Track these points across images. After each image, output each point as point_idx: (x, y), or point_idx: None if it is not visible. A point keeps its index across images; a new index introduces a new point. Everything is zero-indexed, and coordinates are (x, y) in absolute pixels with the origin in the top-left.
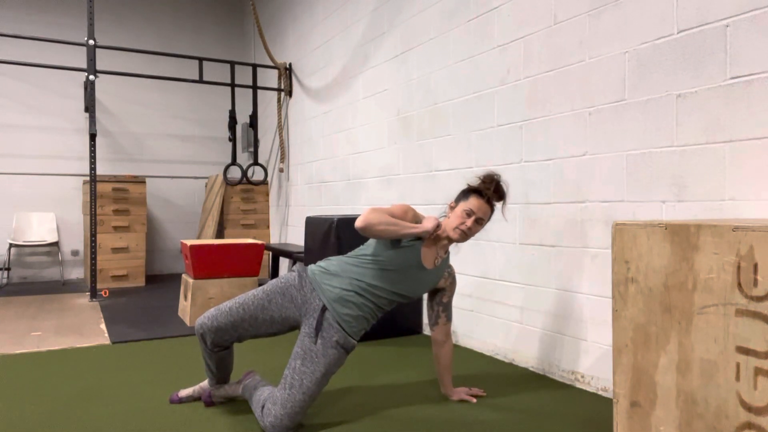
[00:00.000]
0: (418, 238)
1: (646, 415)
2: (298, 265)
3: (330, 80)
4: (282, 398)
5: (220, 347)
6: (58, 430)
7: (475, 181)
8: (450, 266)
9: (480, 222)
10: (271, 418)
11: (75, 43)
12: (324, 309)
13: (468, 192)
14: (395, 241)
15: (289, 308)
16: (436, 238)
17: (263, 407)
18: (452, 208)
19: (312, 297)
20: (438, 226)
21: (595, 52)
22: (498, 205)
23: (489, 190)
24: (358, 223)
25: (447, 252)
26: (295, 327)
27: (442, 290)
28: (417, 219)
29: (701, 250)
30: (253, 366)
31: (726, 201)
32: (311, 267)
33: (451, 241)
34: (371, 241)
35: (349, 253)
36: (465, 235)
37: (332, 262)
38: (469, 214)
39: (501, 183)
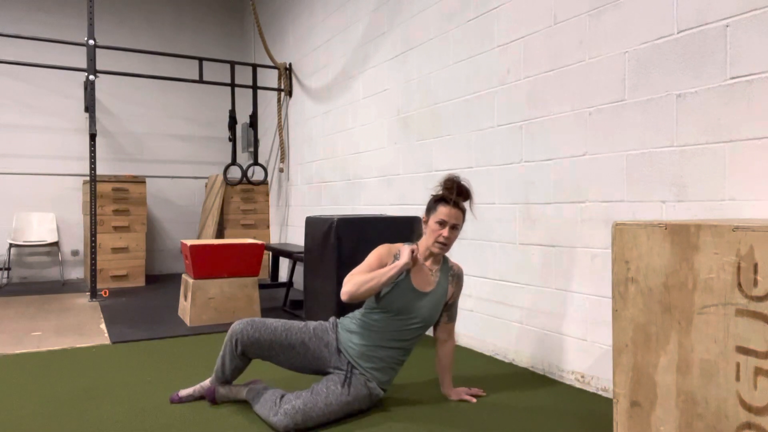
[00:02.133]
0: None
1: (646, 415)
2: (333, 318)
3: (330, 80)
4: (305, 397)
5: (246, 356)
6: (58, 430)
7: (437, 190)
8: (452, 268)
9: (456, 227)
10: (289, 406)
11: (75, 43)
12: (350, 365)
13: (434, 202)
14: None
15: (323, 352)
16: (425, 258)
17: (283, 397)
18: (425, 222)
19: (339, 350)
20: (413, 252)
21: (595, 52)
22: (467, 205)
23: (452, 195)
24: (343, 297)
25: (440, 261)
26: (319, 372)
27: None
28: (394, 253)
29: (701, 250)
30: (259, 375)
31: (726, 201)
32: (340, 320)
33: (435, 254)
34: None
35: (362, 308)
36: (445, 246)
37: (351, 320)
38: (441, 224)
39: (462, 182)
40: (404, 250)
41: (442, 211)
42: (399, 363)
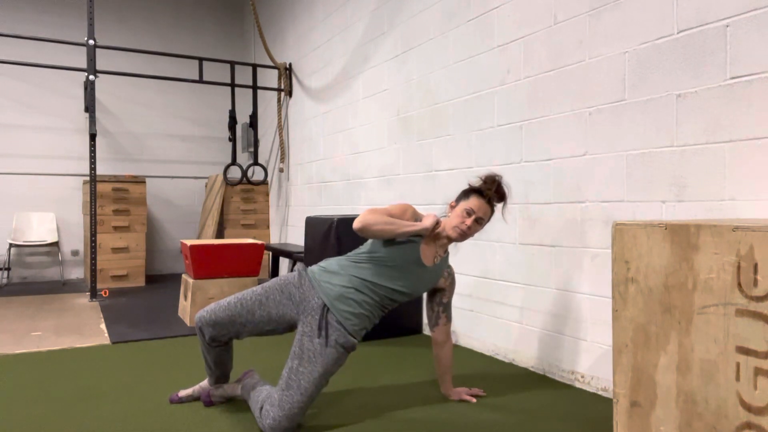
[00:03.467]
0: (418, 235)
1: (646, 415)
2: (299, 265)
3: (330, 80)
4: (280, 399)
5: (217, 342)
6: (58, 430)
7: (476, 181)
8: (449, 266)
9: (480, 222)
10: (270, 420)
11: (75, 43)
12: (325, 308)
13: (469, 192)
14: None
15: (286, 305)
16: (436, 236)
17: (261, 408)
18: (452, 207)
19: (311, 295)
20: (437, 223)
21: (595, 52)
22: (498, 206)
23: (490, 191)
24: (355, 224)
25: (446, 251)
26: (292, 326)
27: (441, 290)
28: (416, 217)
29: (701, 250)
30: (253, 365)
31: (726, 201)
32: (311, 267)
33: (450, 240)
34: (370, 240)
35: (349, 254)
36: (464, 235)
37: (332, 262)
38: (469, 213)
39: (502, 184)
40: (429, 216)
41: (474, 202)
42: (373, 316)
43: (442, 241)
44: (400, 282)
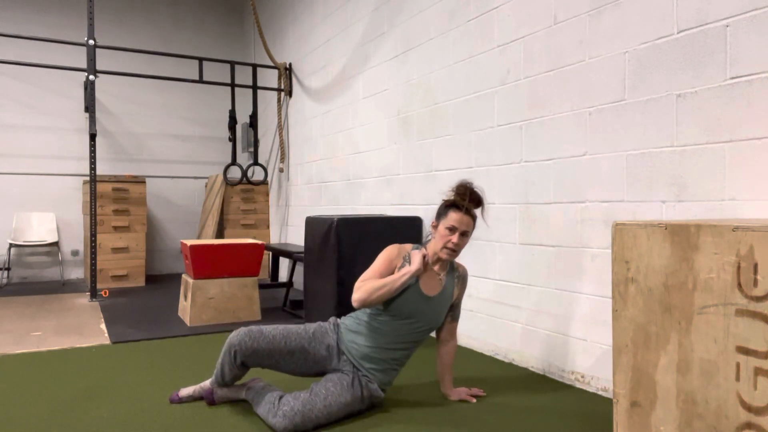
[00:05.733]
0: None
1: (646, 415)
2: (333, 319)
3: (330, 80)
4: (304, 398)
5: (244, 365)
6: (58, 430)
7: (449, 195)
8: (458, 270)
9: (465, 234)
10: (287, 408)
11: (75, 43)
12: (354, 367)
13: (446, 208)
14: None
15: (324, 355)
16: (433, 263)
17: (281, 398)
18: (435, 227)
19: (340, 351)
20: (424, 257)
21: (595, 52)
22: (478, 211)
23: (465, 201)
24: (354, 304)
25: (447, 266)
26: (320, 374)
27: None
28: (404, 254)
29: (701, 250)
30: (257, 375)
31: (726, 201)
32: (342, 320)
33: (443, 260)
34: None
35: (366, 310)
36: (454, 252)
37: (354, 320)
38: (451, 230)
39: (475, 189)
40: (415, 255)
41: (453, 217)
42: (401, 364)
43: (437, 264)
44: (418, 325)
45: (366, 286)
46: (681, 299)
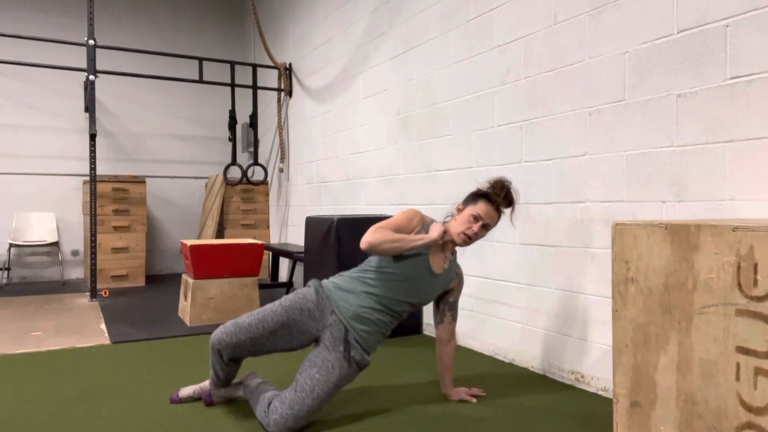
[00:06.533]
0: (427, 246)
1: (646, 415)
2: (313, 281)
3: (330, 80)
4: (291, 399)
5: (235, 360)
6: (58, 430)
7: (485, 186)
8: (458, 266)
9: (486, 227)
10: (276, 416)
11: (75, 43)
12: (345, 328)
13: (477, 196)
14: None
15: (307, 323)
16: (443, 244)
17: (269, 404)
18: (459, 210)
19: (328, 311)
20: (444, 232)
21: (595, 52)
22: (506, 211)
23: (499, 197)
24: (362, 244)
25: (454, 253)
26: (313, 341)
27: (449, 290)
28: (424, 222)
29: (701, 250)
30: (255, 368)
31: (726, 201)
32: (325, 282)
33: (455, 244)
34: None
35: (357, 268)
36: (469, 240)
37: (343, 279)
38: (476, 218)
39: (511, 190)
40: (436, 226)
41: (482, 207)
42: (387, 331)
43: (449, 245)
44: (413, 294)
45: (380, 232)
46: (681, 299)
